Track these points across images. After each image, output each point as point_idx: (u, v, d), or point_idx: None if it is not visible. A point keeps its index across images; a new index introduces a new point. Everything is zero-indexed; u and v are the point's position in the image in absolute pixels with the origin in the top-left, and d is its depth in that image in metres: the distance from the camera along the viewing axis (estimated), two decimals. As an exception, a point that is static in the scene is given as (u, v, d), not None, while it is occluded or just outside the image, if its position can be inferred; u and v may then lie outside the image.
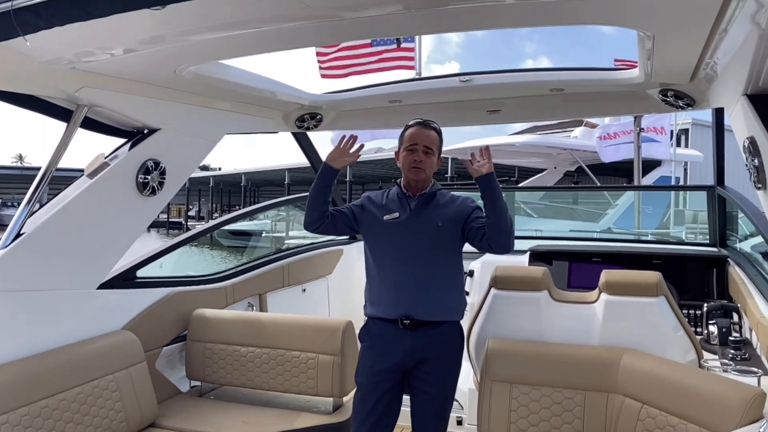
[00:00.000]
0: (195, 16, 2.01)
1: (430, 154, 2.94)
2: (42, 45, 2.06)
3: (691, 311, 3.93)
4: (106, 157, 3.04)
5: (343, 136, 3.03)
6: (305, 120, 3.87)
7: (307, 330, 3.52)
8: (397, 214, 2.93)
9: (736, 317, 3.56)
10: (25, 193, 2.83)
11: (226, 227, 6.71)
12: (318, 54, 10.01)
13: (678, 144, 17.81)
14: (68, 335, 2.98)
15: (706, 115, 18.30)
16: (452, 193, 3.04)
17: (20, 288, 2.76)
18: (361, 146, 3.07)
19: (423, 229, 2.88)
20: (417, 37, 10.23)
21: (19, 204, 2.84)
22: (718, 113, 4.22)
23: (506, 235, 2.81)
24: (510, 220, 2.82)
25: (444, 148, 3.13)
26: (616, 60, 9.50)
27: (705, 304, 3.69)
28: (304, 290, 5.02)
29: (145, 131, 3.16)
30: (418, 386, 2.82)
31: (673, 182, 17.14)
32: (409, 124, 3.01)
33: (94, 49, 2.32)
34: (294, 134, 4.48)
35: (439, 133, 3.02)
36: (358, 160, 3.11)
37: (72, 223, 2.91)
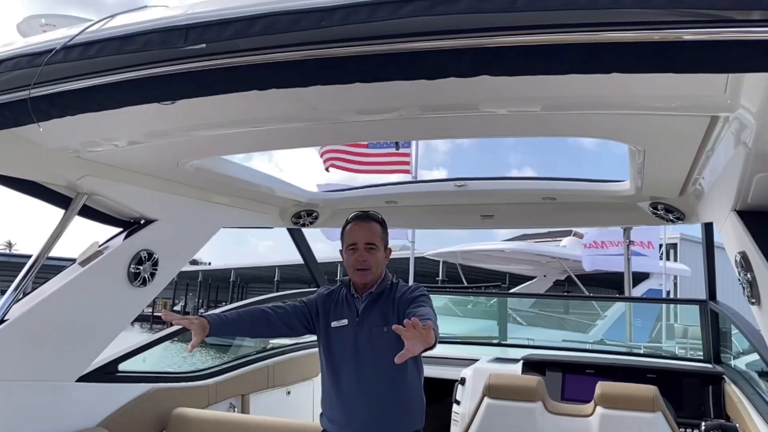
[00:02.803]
0: (202, 113, 2.08)
1: (374, 250, 2.70)
2: (50, 133, 2.11)
3: (688, 430, 3.80)
4: (100, 246, 3.03)
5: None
6: (302, 216, 3.91)
7: None
8: (345, 321, 2.69)
9: None
10: (10, 281, 2.76)
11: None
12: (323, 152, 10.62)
13: (667, 258, 18.01)
14: (40, 431, 2.82)
15: (693, 231, 18.70)
16: (404, 284, 2.80)
17: None
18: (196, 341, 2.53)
19: (369, 337, 2.64)
20: (413, 142, 10.66)
21: (4, 292, 2.78)
22: (708, 227, 4.29)
23: None
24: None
25: (434, 251, 3.12)
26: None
27: (703, 423, 3.58)
28: (289, 392, 4.84)
29: (142, 221, 3.17)
30: None
31: (663, 295, 17.15)
32: (348, 219, 2.80)
33: (101, 140, 2.38)
34: (289, 230, 4.51)
35: (381, 223, 2.79)
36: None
37: (58, 311, 2.84)
